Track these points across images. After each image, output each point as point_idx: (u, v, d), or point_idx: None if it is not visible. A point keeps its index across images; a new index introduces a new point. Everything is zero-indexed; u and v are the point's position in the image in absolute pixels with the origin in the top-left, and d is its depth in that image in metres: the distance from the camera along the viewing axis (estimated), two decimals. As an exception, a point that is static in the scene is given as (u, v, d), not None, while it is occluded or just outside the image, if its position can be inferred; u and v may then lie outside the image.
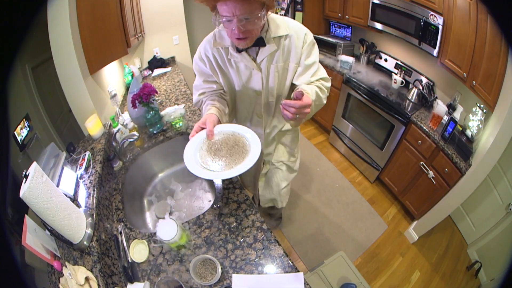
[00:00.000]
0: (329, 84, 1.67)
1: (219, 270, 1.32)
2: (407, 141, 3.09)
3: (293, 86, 1.67)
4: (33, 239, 1.14)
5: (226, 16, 1.22)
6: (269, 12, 1.41)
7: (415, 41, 3.01)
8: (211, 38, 1.59)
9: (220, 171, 1.30)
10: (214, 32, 1.58)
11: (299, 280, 1.33)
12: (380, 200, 3.68)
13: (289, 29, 1.50)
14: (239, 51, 1.52)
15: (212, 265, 1.36)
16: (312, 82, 1.59)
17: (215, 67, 1.64)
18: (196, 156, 1.38)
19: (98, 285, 1.23)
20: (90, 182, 1.71)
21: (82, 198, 1.61)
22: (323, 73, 1.65)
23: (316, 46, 1.60)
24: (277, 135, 2.00)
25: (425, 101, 3.09)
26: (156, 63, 4.31)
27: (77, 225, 1.33)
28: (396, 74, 3.50)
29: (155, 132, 2.35)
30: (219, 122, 1.53)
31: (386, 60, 3.78)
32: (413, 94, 3.17)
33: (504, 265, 2.43)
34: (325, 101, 1.61)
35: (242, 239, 1.52)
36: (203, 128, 1.46)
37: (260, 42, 1.47)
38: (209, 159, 1.36)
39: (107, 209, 1.71)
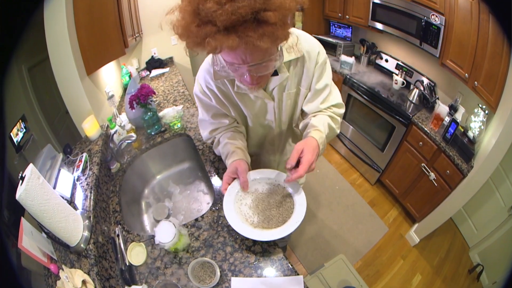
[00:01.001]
0: (342, 111, 1.54)
1: (218, 273, 1.32)
2: (408, 142, 3.09)
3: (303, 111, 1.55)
4: (30, 242, 1.14)
5: (233, 63, 1.03)
6: None
7: (416, 41, 3.02)
8: (209, 66, 1.38)
9: (276, 229, 1.29)
10: (213, 60, 1.32)
11: (299, 283, 1.33)
12: (381, 202, 3.68)
13: (301, 50, 1.31)
14: None
15: (211, 268, 1.36)
16: (322, 110, 1.47)
17: (223, 100, 1.47)
18: (240, 215, 1.34)
19: (95, 288, 1.23)
20: (87, 184, 1.71)
21: (79, 200, 1.61)
22: (335, 98, 1.50)
23: (328, 65, 1.43)
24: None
25: (426, 102, 3.09)
26: (154, 63, 4.31)
27: (74, 228, 1.33)
28: (397, 74, 3.51)
29: (153, 133, 2.34)
30: (248, 165, 1.47)
31: (387, 60, 3.79)
32: (414, 95, 3.17)
33: (506, 268, 2.44)
34: (338, 131, 1.51)
35: (241, 242, 1.52)
36: (234, 178, 1.42)
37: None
38: (253, 216, 1.34)
39: (104, 212, 1.71)
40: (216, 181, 1.90)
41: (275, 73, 1.32)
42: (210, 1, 0.82)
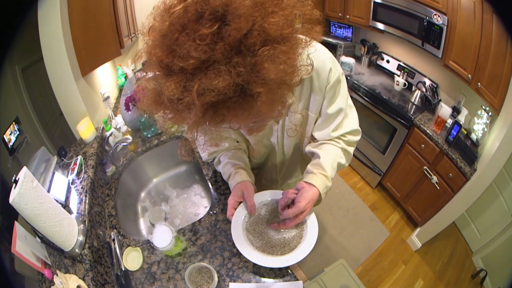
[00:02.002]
0: (357, 138, 1.40)
1: (216, 279, 1.32)
2: (410, 145, 3.10)
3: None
4: (23, 247, 1.14)
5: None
6: None
7: (418, 42, 3.02)
8: None
9: (290, 254, 1.26)
10: None
11: (298, 289, 1.34)
12: (382, 206, 3.69)
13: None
14: None
15: (208, 273, 1.36)
16: (334, 139, 1.34)
17: None
18: (248, 241, 1.29)
19: (90, 294, 1.23)
20: (82, 188, 1.71)
21: (73, 204, 1.62)
22: (351, 124, 1.35)
23: (343, 85, 1.25)
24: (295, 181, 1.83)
25: (429, 104, 3.10)
26: (150, 64, 4.27)
27: (69, 232, 1.33)
28: (398, 75, 3.52)
29: (149, 135, 2.34)
30: (254, 186, 1.41)
31: (388, 61, 3.80)
32: (416, 96, 3.18)
33: (510, 273, 2.44)
34: (347, 164, 1.40)
35: (239, 247, 1.52)
36: (240, 202, 1.36)
37: None
38: (263, 242, 1.29)
39: (99, 216, 1.71)
40: (214, 184, 1.90)
41: None
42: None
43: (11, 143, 1.47)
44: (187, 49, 0.63)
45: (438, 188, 2.81)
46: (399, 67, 3.62)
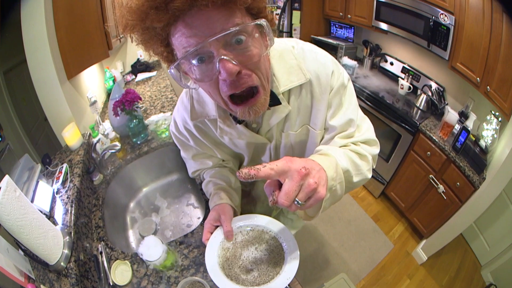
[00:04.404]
0: (375, 151, 1.23)
1: (209, 294, 1.33)
2: (415, 152, 3.11)
3: None
4: (5, 260, 1.15)
5: (190, 48, 0.77)
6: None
7: (423, 43, 3.04)
8: (187, 102, 1.20)
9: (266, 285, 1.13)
10: (190, 93, 1.18)
11: (297, 304, 1.34)
12: (386, 217, 3.69)
13: (307, 71, 1.04)
14: (237, 120, 1.12)
15: (202, 288, 1.37)
16: (345, 145, 1.14)
17: (204, 142, 1.33)
18: (222, 269, 1.19)
19: (76, 310, 1.24)
20: (67, 197, 1.71)
21: (59, 215, 1.62)
22: (365, 133, 1.19)
23: (349, 91, 1.14)
24: None
25: (435, 109, 3.12)
26: (140, 67, 4.31)
27: (54, 245, 1.34)
28: (403, 79, 3.53)
29: (139, 142, 2.36)
30: (234, 210, 1.33)
31: (392, 63, 3.83)
32: (421, 100, 3.20)
33: (521, 288, 2.45)
34: (369, 175, 1.14)
35: (234, 260, 1.53)
36: (217, 226, 1.25)
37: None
38: (238, 270, 1.18)
39: (86, 227, 1.72)
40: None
41: (276, 101, 1.05)
42: None
43: (-8, 150, 1.47)
44: None
45: (445, 197, 2.81)
46: (404, 70, 3.64)
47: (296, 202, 0.76)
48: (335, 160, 0.95)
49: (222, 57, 0.76)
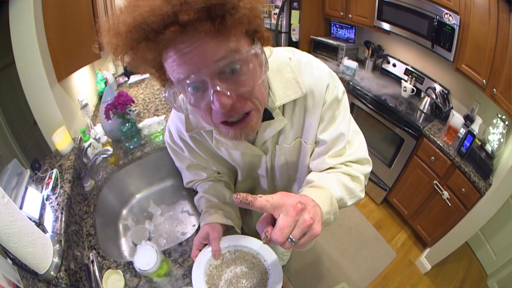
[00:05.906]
0: (367, 169, 1.22)
1: (204, 304, 1.33)
2: (418, 157, 3.11)
3: None
4: (-7, 269, 1.15)
5: (186, 77, 0.77)
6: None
7: (427, 44, 3.04)
8: (182, 114, 1.21)
9: None
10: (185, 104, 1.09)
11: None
12: (388, 225, 3.70)
13: (303, 84, 1.04)
14: None
15: (197, 298, 1.37)
16: (335, 167, 1.17)
17: (200, 153, 1.35)
18: (207, 286, 1.22)
19: (67, 321, 1.24)
20: (57, 204, 1.71)
21: (48, 222, 1.61)
22: (356, 151, 1.19)
23: (343, 104, 1.16)
24: None
25: (439, 112, 3.13)
26: (132, 68, 4.28)
27: (43, 253, 1.34)
28: (406, 81, 3.54)
29: (131, 147, 2.36)
30: (224, 228, 1.34)
31: (394, 65, 3.85)
32: (425, 103, 3.21)
33: (529, 298, 2.45)
34: (362, 195, 1.17)
35: (230, 269, 1.53)
36: (205, 244, 1.26)
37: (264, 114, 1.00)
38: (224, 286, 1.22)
39: (77, 235, 1.72)
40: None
41: (270, 115, 1.08)
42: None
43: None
44: None
45: (450, 204, 2.81)
46: (407, 72, 3.66)
47: (289, 240, 0.75)
48: (329, 193, 0.98)
49: (217, 88, 0.77)
